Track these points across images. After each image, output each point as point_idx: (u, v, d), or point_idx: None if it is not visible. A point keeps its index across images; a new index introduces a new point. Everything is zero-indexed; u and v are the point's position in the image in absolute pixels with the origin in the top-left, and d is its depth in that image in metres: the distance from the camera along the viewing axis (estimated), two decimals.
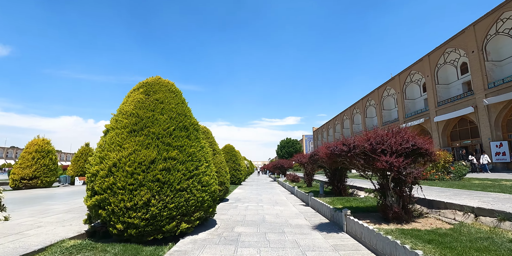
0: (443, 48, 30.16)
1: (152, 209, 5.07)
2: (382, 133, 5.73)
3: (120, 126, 5.87)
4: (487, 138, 24.12)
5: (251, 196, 14.21)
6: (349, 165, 6.24)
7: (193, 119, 6.69)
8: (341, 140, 5.96)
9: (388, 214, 5.65)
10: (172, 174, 5.43)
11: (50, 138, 22.46)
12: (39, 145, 21.20)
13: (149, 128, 5.82)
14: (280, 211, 9.06)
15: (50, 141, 22.36)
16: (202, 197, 5.82)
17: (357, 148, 5.59)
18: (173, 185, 5.36)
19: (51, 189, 19.68)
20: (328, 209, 7.44)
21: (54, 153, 22.20)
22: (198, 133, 6.69)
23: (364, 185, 11.37)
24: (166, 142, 5.72)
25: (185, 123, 6.30)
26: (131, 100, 6.42)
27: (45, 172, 20.57)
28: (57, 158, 22.56)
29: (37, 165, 20.40)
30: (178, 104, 6.62)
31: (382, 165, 5.20)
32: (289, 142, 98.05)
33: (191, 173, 5.73)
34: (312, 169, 15.31)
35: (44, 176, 20.49)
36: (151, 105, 6.24)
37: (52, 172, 21.12)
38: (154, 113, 6.08)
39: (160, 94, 6.55)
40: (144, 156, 5.41)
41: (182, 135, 6.05)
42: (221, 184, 11.28)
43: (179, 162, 5.64)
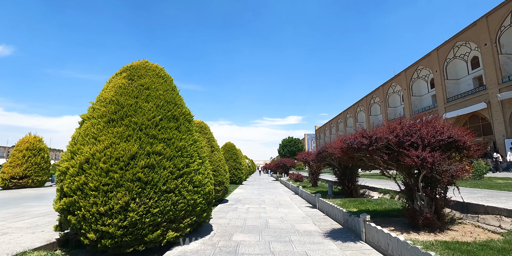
0: (453, 42, 29.10)
1: (131, 215, 4.17)
2: (409, 123, 4.81)
3: (97, 116, 4.98)
4: (501, 135, 23.10)
5: (253, 197, 13.31)
6: (368, 162, 5.32)
7: (184, 109, 5.79)
8: (359, 132, 5.04)
9: (417, 220, 4.73)
10: (156, 172, 4.53)
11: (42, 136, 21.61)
12: (30, 143, 20.36)
13: (131, 117, 4.92)
14: (285, 214, 8.16)
15: (42, 138, 21.52)
16: (194, 200, 4.92)
17: (379, 141, 4.67)
18: (158, 186, 4.46)
19: (42, 188, 18.85)
20: (340, 212, 6.53)
21: (46, 151, 21.35)
22: (191, 124, 5.79)
23: (377, 185, 10.44)
24: (151, 134, 4.82)
25: (175, 112, 5.40)
26: (111, 86, 5.53)
27: (36, 171, 19.73)
28: (49, 156, 21.73)
29: (28, 163, 19.56)
30: (167, 91, 5.72)
31: (412, 161, 4.28)
32: (291, 140, 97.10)
33: (180, 171, 4.83)
34: (318, 168, 14.40)
35: (35, 175, 19.64)
36: (135, 91, 5.34)
37: (43, 170, 20.28)
38: (138, 101, 5.19)
39: (146, 79, 5.65)
40: (123, 150, 4.51)
41: (171, 126, 5.15)
42: (219, 183, 10.39)
43: (166, 157, 4.74)
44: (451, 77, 30.52)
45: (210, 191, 5.50)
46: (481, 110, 25.69)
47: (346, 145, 4.93)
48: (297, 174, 21.04)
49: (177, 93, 6.02)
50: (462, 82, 30.20)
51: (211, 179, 5.79)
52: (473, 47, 27.85)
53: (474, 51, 28.10)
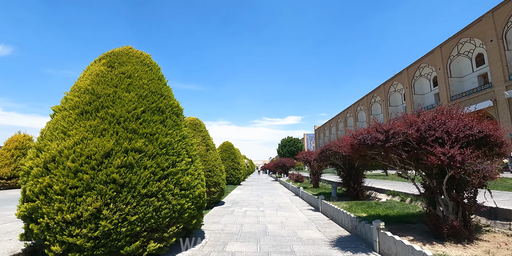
0: (457, 39, 28.50)
1: (103, 224, 3.50)
2: (432, 115, 4.17)
3: (68, 107, 4.31)
4: (508, 134, 22.50)
5: (251, 198, 12.65)
6: (381, 161, 4.67)
7: (172, 101, 5.12)
8: (372, 126, 4.38)
9: (440, 229, 4.08)
10: (135, 172, 3.87)
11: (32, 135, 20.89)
12: (20, 142, 19.64)
13: (108, 108, 4.26)
14: (285, 218, 7.50)
15: (32, 137, 20.78)
16: (181, 205, 4.26)
17: (397, 136, 4.01)
18: (137, 189, 3.80)
19: None
20: (348, 217, 5.88)
21: None
22: (179, 118, 5.12)
23: (384, 186, 9.80)
24: (130, 128, 4.15)
25: (160, 104, 4.74)
26: (88, 73, 4.87)
27: None
28: None
29: (17, 163, 18.82)
30: (153, 80, 5.06)
31: (438, 159, 3.63)
32: (290, 140, 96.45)
33: (164, 171, 4.16)
34: (319, 168, 13.75)
35: None
36: (114, 80, 4.68)
37: None
38: (117, 90, 4.53)
39: (129, 67, 4.99)
40: (96, 146, 3.84)
41: (155, 120, 4.48)
42: (215, 184, 9.73)
43: (148, 155, 4.07)
44: (455, 75, 29.93)
45: (200, 194, 4.84)
46: (487, 109, 25.09)
47: (358, 141, 4.27)
48: (297, 174, 20.38)
49: (164, 83, 5.35)
50: (466, 80, 29.61)
51: (202, 180, 5.12)
52: (478, 44, 27.25)
53: (479, 48, 27.51)
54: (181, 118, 5.19)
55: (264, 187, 20.86)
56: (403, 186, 10.12)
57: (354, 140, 4.36)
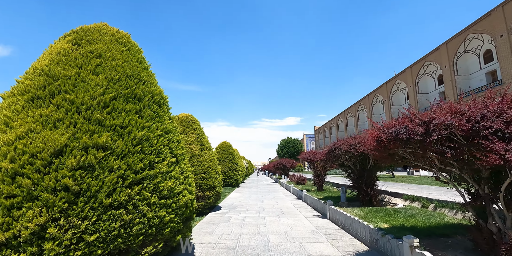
0: (464, 35, 27.64)
1: (48, 246, 2.59)
2: (487, 99, 3.27)
3: (18, 92, 3.38)
4: None
5: (250, 202, 11.71)
6: (414, 161, 3.74)
7: (153, 87, 4.19)
8: (407, 116, 3.46)
9: (496, 248, 3.16)
10: (96, 176, 2.94)
11: None
12: None
13: (66, 93, 3.33)
14: (289, 228, 6.58)
15: None
16: (160, 218, 3.33)
17: (440, 129, 3.09)
18: (98, 198, 2.87)
19: None
20: (365, 228, 4.96)
21: None
22: (162, 108, 4.20)
23: (398, 189, 8.89)
24: (94, 118, 3.22)
25: (137, 90, 3.81)
26: (49, 53, 3.94)
27: None
28: None
29: None
30: (129, 62, 4.13)
31: (500, 158, 2.71)
32: (290, 141, 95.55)
33: (138, 174, 3.23)
34: (324, 169, 12.83)
35: None
36: (79, 59, 3.76)
37: None
38: (81, 72, 3.60)
39: (99, 45, 4.06)
40: (44, 141, 2.91)
41: (128, 109, 3.55)
42: (210, 188, 8.80)
43: (116, 154, 3.15)
44: (462, 72, 29.06)
45: (187, 203, 3.91)
46: None
47: (388, 136, 3.35)
48: (298, 176, 19.46)
49: (145, 67, 4.43)
50: (473, 78, 28.74)
51: (191, 185, 4.20)
52: (486, 40, 26.39)
53: (488, 44, 26.65)
54: (164, 109, 4.26)
55: (264, 189, 19.93)
56: (419, 190, 9.21)
57: (383, 134, 3.44)
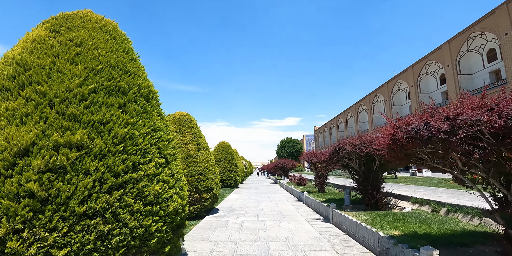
0: (467, 33, 27.28)
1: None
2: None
3: None
4: None
5: (249, 204, 11.30)
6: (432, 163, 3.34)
7: (140, 80, 3.78)
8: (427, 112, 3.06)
9: None
10: (69, 180, 2.54)
11: None
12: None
13: (38, 85, 2.92)
14: (291, 233, 6.17)
15: None
16: (145, 227, 2.92)
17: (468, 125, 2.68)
18: (70, 205, 2.46)
19: None
20: (374, 236, 4.56)
21: None
22: (150, 103, 3.78)
23: (406, 192, 8.48)
24: (69, 113, 2.82)
25: (121, 82, 3.40)
26: (23, 40, 3.53)
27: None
28: None
29: None
30: (115, 52, 3.72)
31: None
32: (289, 141, 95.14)
33: (119, 177, 2.82)
34: (325, 170, 12.43)
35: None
36: (56, 47, 3.35)
37: None
38: (58, 61, 3.20)
39: (81, 33, 3.65)
40: (8, 139, 2.51)
41: (110, 103, 3.14)
42: (206, 190, 8.39)
43: (93, 154, 2.74)
44: (465, 72, 28.70)
45: (178, 209, 3.49)
46: None
47: (405, 134, 2.95)
48: (299, 177, 19.05)
49: (132, 58, 4.01)
50: (476, 77, 28.37)
51: (182, 189, 3.78)
52: (490, 39, 26.03)
53: (491, 43, 26.29)
54: (153, 104, 3.84)
55: (264, 190, 19.54)
56: (427, 192, 8.80)
57: (399, 132, 3.03)
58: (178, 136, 8.83)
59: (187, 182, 8.11)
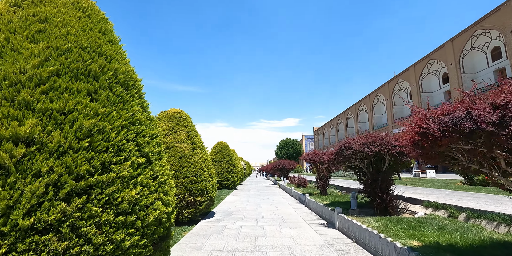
0: (471, 31, 26.82)
1: None
2: None
3: None
4: None
5: (248, 208, 10.73)
6: (467, 162, 2.78)
7: (118, 65, 3.20)
8: (467, 99, 2.50)
9: None
10: (12, 184, 1.98)
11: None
12: None
13: None
14: (293, 240, 5.61)
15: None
16: (117, 243, 2.35)
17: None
18: (12, 217, 1.90)
19: None
20: (390, 246, 4.00)
21: None
22: (129, 93, 3.21)
23: (416, 195, 7.94)
24: (19, 99, 2.27)
25: (93, 65, 2.84)
26: None
27: None
28: None
29: None
30: (88, 31, 3.15)
31: None
32: (289, 142, 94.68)
33: (81, 180, 2.25)
34: (328, 171, 11.87)
35: None
36: (14, 23, 2.79)
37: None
38: (13, 38, 2.64)
39: (48, 8, 3.09)
40: None
41: (76, 88, 2.58)
42: (202, 192, 7.82)
43: (47, 150, 2.18)
44: (468, 70, 28.24)
45: (161, 219, 2.92)
46: None
47: (441, 126, 2.39)
48: (299, 178, 18.50)
49: (110, 40, 3.44)
50: (481, 76, 27.87)
51: (168, 193, 3.21)
52: (494, 37, 25.58)
53: (496, 41, 25.84)
54: (134, 93, 3.27)
55: (263, 191, 18.96)
56: (440, 195, 8.23)
57: (432, 124, 2.47)
58: (172, 134, 8.27)
59: (181, 183, 7.54)
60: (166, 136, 8.18)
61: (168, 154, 7.81)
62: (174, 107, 9.34)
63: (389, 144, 6.26)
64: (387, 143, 6.27)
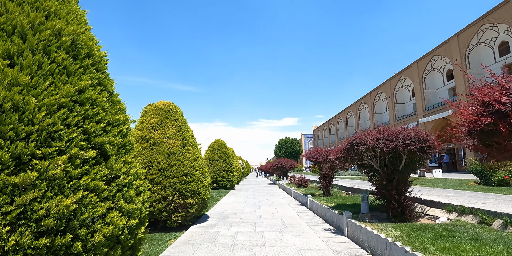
0: (478, 26, 26.00)
1: None
2: None
3: None
4: None
5: (245, 210, 9.93)
6: None
7: (63, 24, 2.37)
8: None
9: None
10: None
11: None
12: None
13: None
14: (297, 251, 4.82)
15: None
16: None
17: None
18: None
19: None
20: None
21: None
22: (79, 62, 2.38)
23: (434, 197, 7.12)
24: None
25: (20, 20, 1.99)
26: None
27: None
28: None
29: None
30: None
31: None
32: (288, 141, 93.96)
33: None
34: (332, 170, 11.07)
35: None
36: None
37: None
38: None
39: None
40: None
41: None
42: (193, 194, 7.00)
43: None
44: (474, 66, 27.42)
45: (117, 236, 2.10)
46: None
47: None
48: (300, 177, 17.70)
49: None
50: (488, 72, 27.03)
51: (133, 200, 2.39)
52: (502, 31, 24.77)
53: (503, 35, 25.03)
54: (86, 64, 2.42)
55: (262, 192, 18.16)
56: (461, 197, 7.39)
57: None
58: (160, 128, 7.44)
59: (169, 184, 6.72)
60: (153, 131, 7.35)
61: (155, 150, 7.00)
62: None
63: (407, 138, 5.45)
64: (405, 138, 5.47)
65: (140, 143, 7.09)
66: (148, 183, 6.65)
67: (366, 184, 13.90)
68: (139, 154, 6.89)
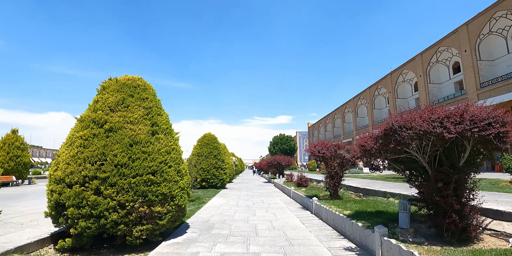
0: (489, 14, 24.37)
1: None
2: None
3: None
4: None
5: (236, 216, 8.07)
6: None
7: None
8: None
9: None
10: None
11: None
12: None
13: None
14: None
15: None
16: None
17: None
18: None
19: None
20: None
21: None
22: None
23: (490, 204, 5.35)
24: None
25: None
26: None
27: None
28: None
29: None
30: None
31: None
32: (282, 138, 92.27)
33: None
34: (341, 168, 9.27)
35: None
36: None
37: None
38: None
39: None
40: None
41: None
42: (163, 199, 5.09)
43: None
44: (485, 57, 25.84)
45: None
46: None
47: None
48: (300, 176, 15.90)
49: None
50: (499, 63, 25.49)
51: None
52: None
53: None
54: None
55: (256, 191, 16.34)
56: None
57: None
58: (120, 110, 5.49)
59: (128, 185, 4.80)
60: (111, 112, 5.40)
61: (111, 138, 5.07)
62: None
63: (479, 119, 3.65)
64: (474, 118, 3.66)
65: (92, 128, 5.15)
66: (98, 183, 4.75)
67: (378, 184, 12.12)
68: (88, 143, 4.97)
